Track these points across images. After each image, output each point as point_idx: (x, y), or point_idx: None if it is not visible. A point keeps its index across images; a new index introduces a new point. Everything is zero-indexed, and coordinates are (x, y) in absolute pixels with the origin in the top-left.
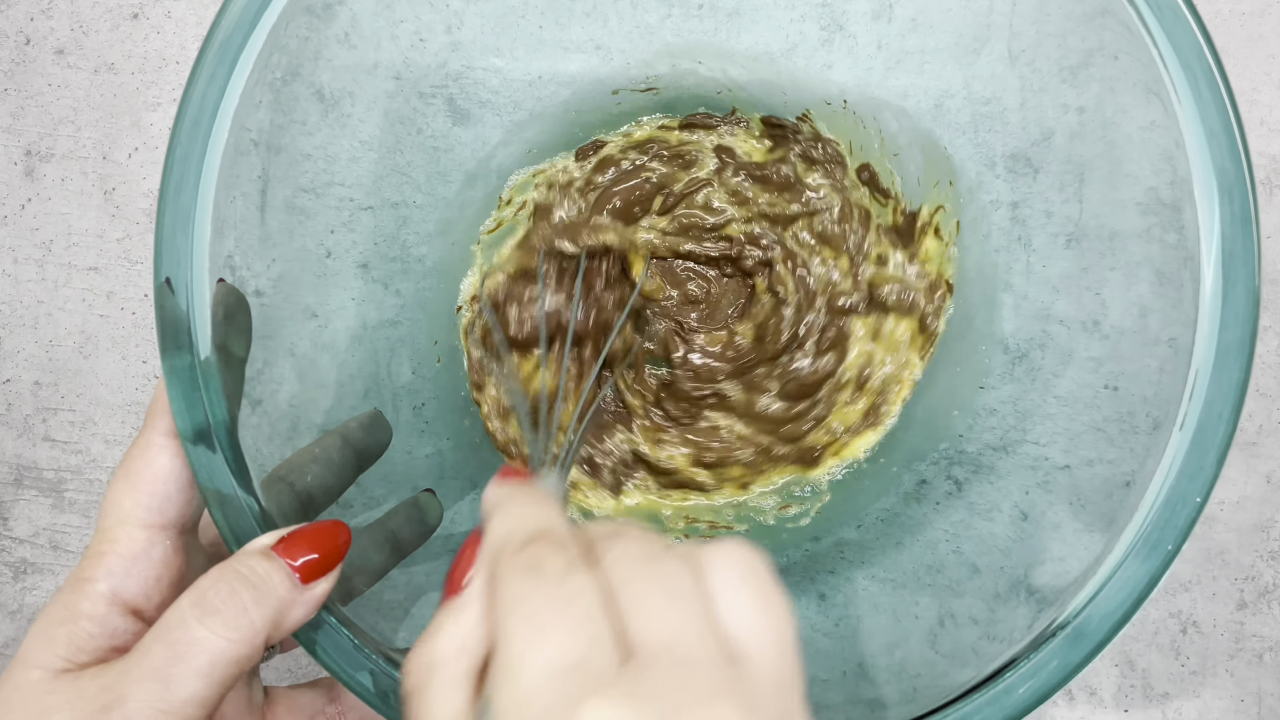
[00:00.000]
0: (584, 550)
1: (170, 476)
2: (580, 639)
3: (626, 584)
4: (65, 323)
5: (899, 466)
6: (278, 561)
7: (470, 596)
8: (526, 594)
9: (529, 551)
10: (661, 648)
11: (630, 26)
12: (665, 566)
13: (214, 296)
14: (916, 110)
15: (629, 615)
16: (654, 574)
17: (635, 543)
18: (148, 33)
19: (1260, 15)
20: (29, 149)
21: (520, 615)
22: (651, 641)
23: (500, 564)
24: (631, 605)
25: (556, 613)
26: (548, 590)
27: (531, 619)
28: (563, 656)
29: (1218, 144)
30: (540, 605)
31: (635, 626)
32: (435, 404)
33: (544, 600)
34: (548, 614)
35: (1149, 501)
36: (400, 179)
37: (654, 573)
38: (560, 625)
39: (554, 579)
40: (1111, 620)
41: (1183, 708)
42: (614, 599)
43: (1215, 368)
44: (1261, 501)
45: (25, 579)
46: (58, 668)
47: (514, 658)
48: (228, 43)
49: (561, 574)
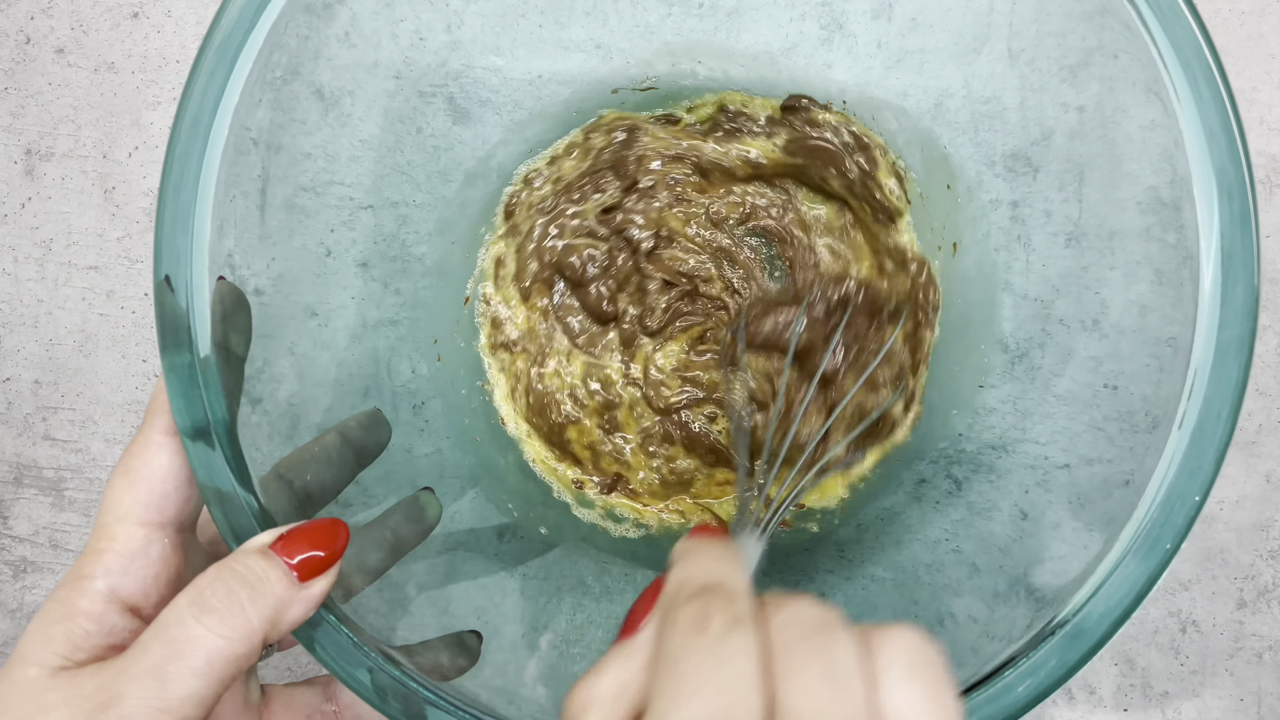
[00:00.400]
0: (755, 609)
1: (169, 474)
2: (726, 700)
3: (787, 650)
4: (65, 321)
5: (899, 466)
6: (275, 560)
7: (640, 642)
8: (684, 650)
9: (697, 603)
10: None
11: (630, 25)
12: (831, 639)
13: (213, 294)
14: (916, 109)
15: (783, 684)
16: (818, 645)
17: (807, 610)
18: (148, 32)
19: (1260, 15)
20: (29, 148)
21: (673, 672)
22: (800, 714)
23: (669, 614)
24: (788, 674)
25: (709, 673)
26: (705, 648)
27: (682, 677)
28: (706, 715)
29: (1217, 143)
30: (694, 663)
31: (787, 696)
32: (435, 403)
33: (699, 658)
34: (700, 673)
35: (1148, 500)
36: (400, 178)
37: (819, 644)
38: (709, 686)
39: (714, 637)
40: (1110, 619)
41: (1182, 707)
42: (773, 665)
43: (1214, 366)
44: (1261, 501)
45: (25, 577)
46: (55, 665)
47: (660, 710)
48: (227, 42)
49: (723, 632)
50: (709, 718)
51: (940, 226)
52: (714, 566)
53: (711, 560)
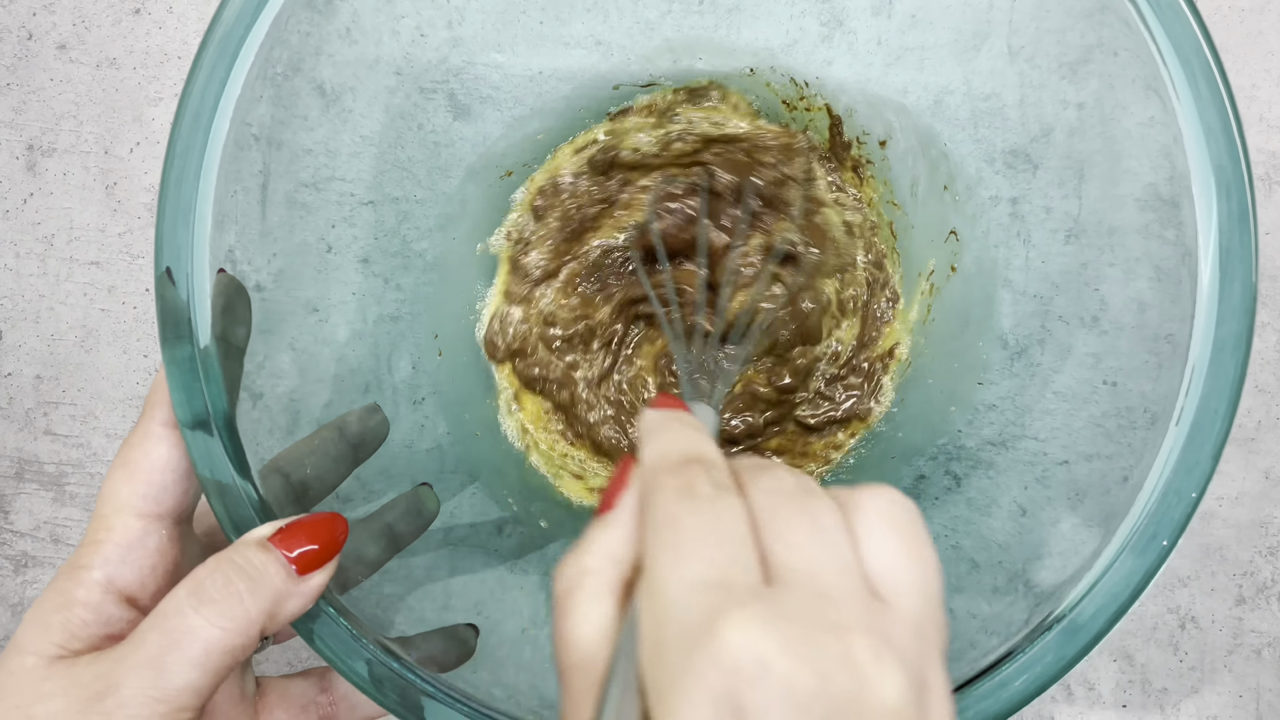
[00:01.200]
0: (734, 478)
1: (167, 466)
2: (724, 558)
3: (774, 513)
4: (66, 317)
5: (897, 461)
6: (274, 553)
7: (622, 512)
8: (676, 513)
9: (682, 474)
10: (803, 576)
11: (631, 22)
12: (814, 501)
13: (214, 286)
14: (916, 106)
15: (774, 543)
16: (802, 506)
17: (786, 476)
18: (149, 28)
19: (1260, 11)
20: (31, 143)
21: (669, 532)
22: (794, 569)
23: (653, 484)
24: (777, 533)
25: (704, 532)
26: (697, 510)
27: (679, 536)
28: (707, 573)
29: (1216, 141)
30: (689, 524)
31: (779, 554)
32: (435, 399)
33: (693, 520)
34: (695, 532)
35: (1145, 496)
36: (401, 174)
37: (802, 505)
38: (706, 544)
39: (704, 500)
40: (1107, 614)
41: (1181, 703)
42: (760, 526)
43: (1212, 363)
44: (1260, 497)
45: (26, 572)
46: (53, 655)
47: (661, 571)
48: (228, 37)
49: (711, 496)
50: (710, 573)
51: (939, 225)
52: (687, 438)
53: (684, 432)
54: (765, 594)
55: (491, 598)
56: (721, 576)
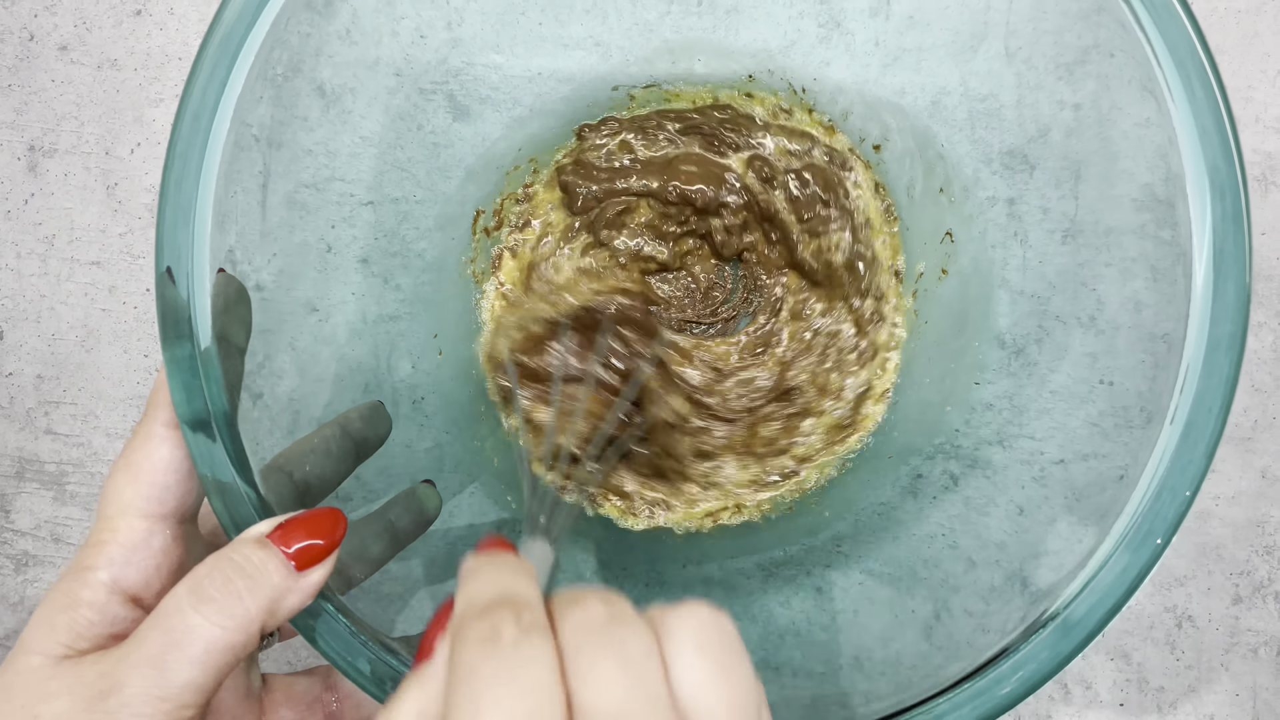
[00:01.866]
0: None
1: (170, 467)
2: (523, 709)
3: (579, 651)
4: (67, 317)
5: (895, 461)
6: (272, 550)
7: (436, 665)
8: (476, 664)
9: (488, 618)
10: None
11: (629, 23)
12: (622, 632)
13: (214, 286)
14: (913, 107)
15: (578, 683)
16: (609, 640)
17: (595, 606)
18: (150, 29)
19: (1256, 13)
20: (32, 144)
21: (468, 686)
22: (597, 711)
23: (458, 633)
24: (584, 673)
25: (503, 684)
26: (497, 660)
27: (478, 689)
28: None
29: (1210, 142)
30: (487, 676)
31: (583, 695)
32: (435, 398)
33: (492, 671)
34: (494, 685)
35: (1139, 494)
36: (401, 174)
37: (609, 639)
38: (505, 697)
39: (506, 648)
40: (1101, 611)
41: (1178, 702)
42: (567, 666)
43: (1206, 362)
44: (1257, 496)
45: (27, 571)
46: (58, 654)
47: None
48: (229, 38)
49: (514, 643)
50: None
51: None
52: (501, 579)
53: (498, 574)
54: None
55: None
56: None
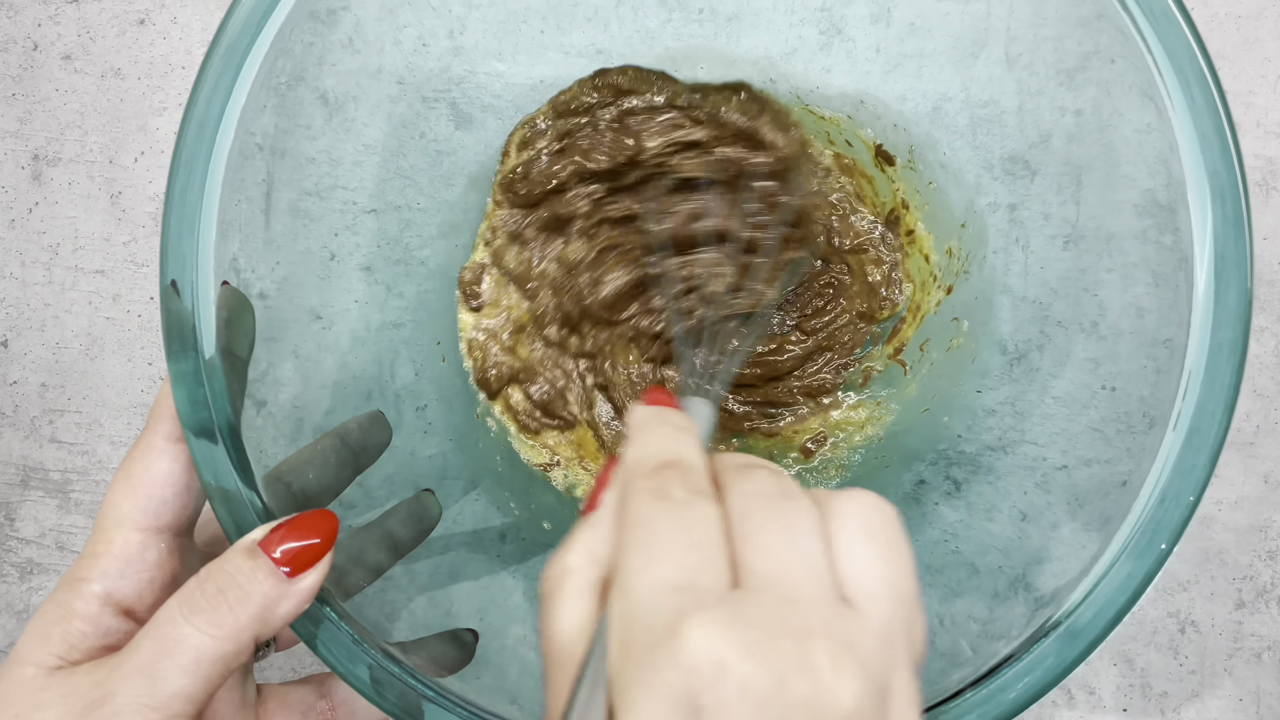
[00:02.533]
0: (713, 480)
1: (169, 480)
2: (692, 561)
3: (748, 517)
4: (72, 325)
5: (898, 467)
6: (262, 559)
7: (604, 513)
8: (648, 517)
9: (658, 477)
10: (771, 580)
11: (631, 31)
12: (790, 504)
13: (218, 299)
14: (914, 113)
15: (745, 546)
16: (777, 510)
17: (765, 478)
18: (154, 38)
19: (1256, 18)
20: (36, 153)
21: (640, 536)
22: (762, 573)
23: (629, 486)
24: (749, 537)
25: (673, 536)
26: (669, 514)
27: (649, 540)
28: (673, 576)
29: (1210, 148)
30: (659, 528)
31: (749, 558)
32: (438, 405)
33: (663, 524)
34: (665, 535)
35: (1143, 500)
36: (403, 182)
37: (777, 509)
38: (675, 547)
39: (677, 504)
40: (1106, 617)
41: (1181, 707)
42: (734, 530)
43: (1208, 367)
44: (1259, 501)
45: (31, 579)
46: (51, 665)
47: (629, 573)
48: (233, 48)
49: (685, 501)
50: (677, 578)
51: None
52: (670, 439)
53: (667, 433)
54: (730, 598)
55: (494, 603)
56: (689, 580)
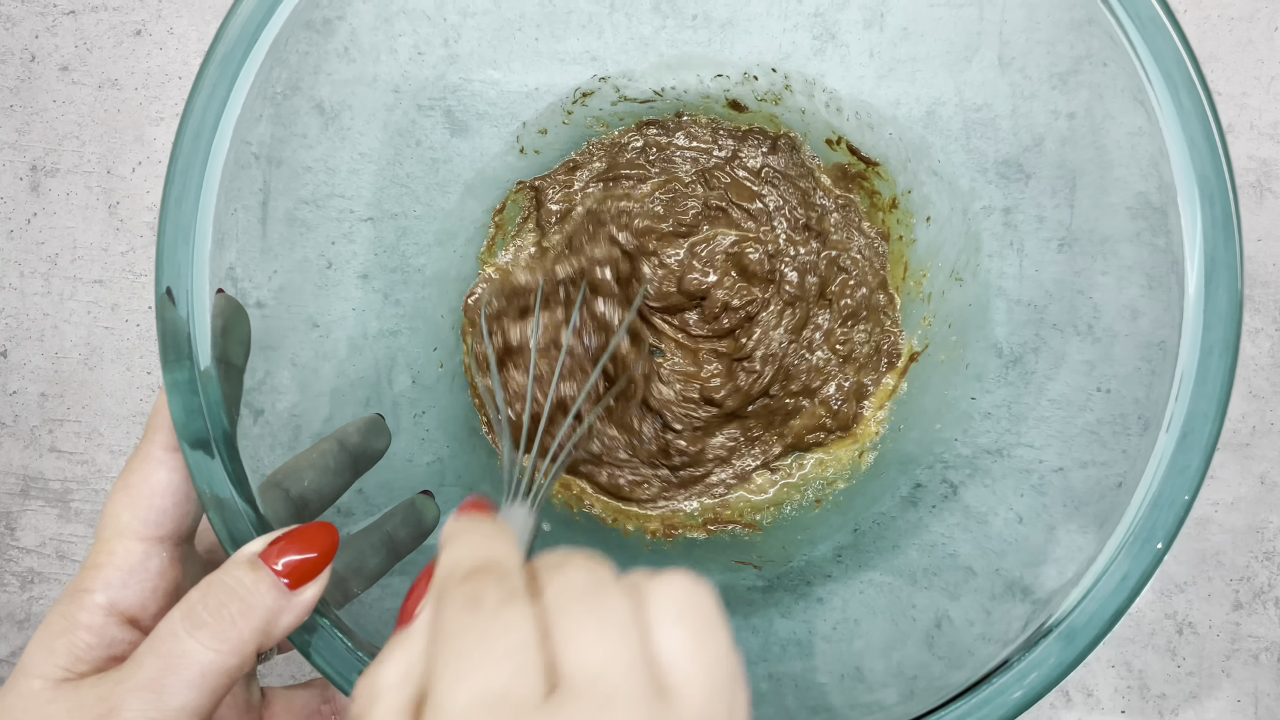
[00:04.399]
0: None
1: (168, 490)
2: (506, 671)
3: (563, 615)
4: (71, 335)
5: (895, 471)
6: (264, 571)
7: (418, 627)
8: (460, 628)
9: (470, 584)
10: (588, 680)
11: (625, 38)
12: (603, 597)
13: (213, 307)
14: (908, 118)
15: (561, 647)
16: (591, 605)
17: (578, 573)
18: (150, 49)
19: (1249, 20)
20: (34, 164)
21: (452, 648)
22: (579, 673)
23: (442, 597)
24: (565, 637)
25: (486, 646)
26: (481, 624)
27: (461, 653)
28: (487, 688)
29: (1199, 151)
30: (471, 639)
31: (565, 658)
32: (435, 412)
33: (475, 634)
34: (477, 647)
35: (1138, 500)
36: (400, 190)
37: (591, 604)
38: (488, 658)
39: (489, 612)
40: (1103, 618)
41: (1179, 708)
42: (549, 630)
43: (1200, 368)
44: (1256, 502)
45: (32, 588)
46: (57, 677)
47: (442, 690)
48: (229, 57)
49: (496, 607)
50: (491, 690)
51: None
52: (484, 545)
53: (481, 540)
54: (546, 707)
55: None
56: (502, 691)
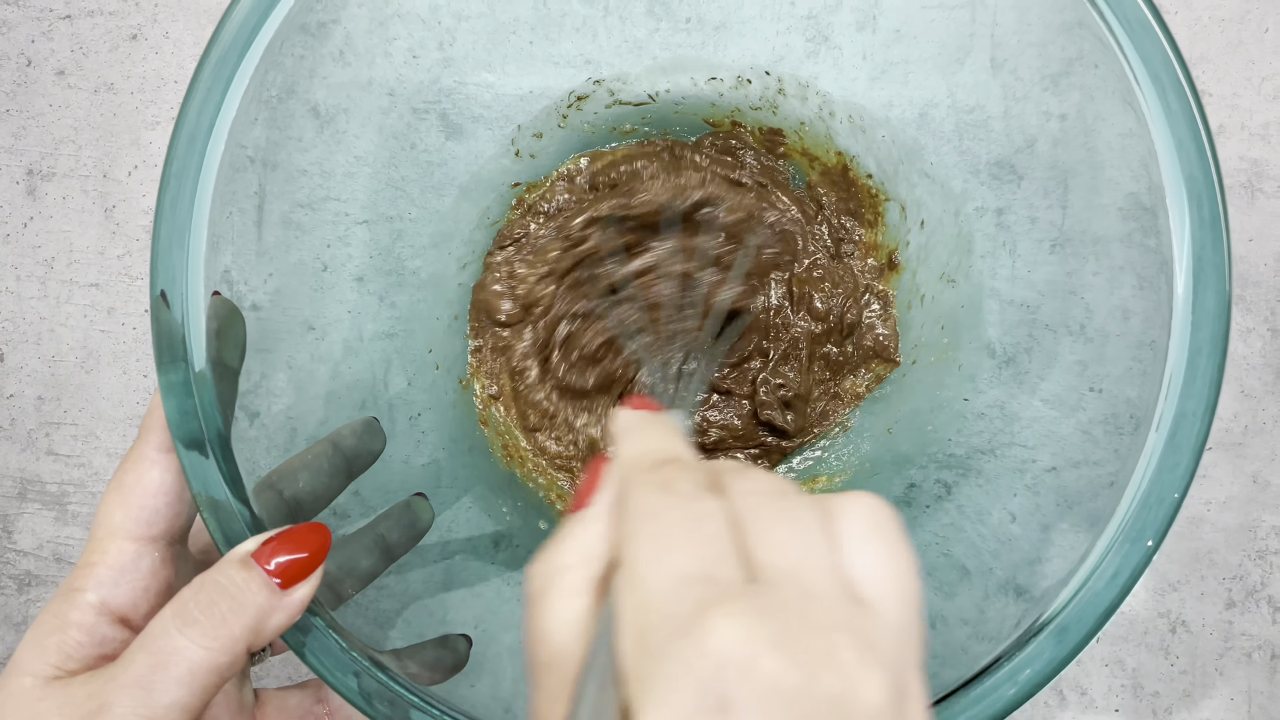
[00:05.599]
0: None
1: (161, 490)
2: (709, 553)
3: (754, 514)
4: (67, 338)
5: (888, 471)
6: (255, 570)
7: (598, 510)
8: (658, 509)
9: (662, 472)
10: (786, 576)
11: (619, 41)
12: (793, 503)
13: (208, 310)
14: (901, 120)
15: (756, 543)
16: (782, 509)
17: (764, 479)
18: (146, 53)
19: (1240, 21)
20: (31, 168)
21: (651, 527)
22: (777, 568)
23: (632, 479)
24: (759, 534)
25: (686, 527)
26: (679, 507)
27: (662, 531)
28: (691, 567)
29: (1186, 153)
30: (671, 519)
31: (761, 554)
32: (431, 414)
33: (675, 515)
34: (678, 527)
35: (1129, 498)
36: (395, 193)
37: (782, 507)
38: (690, 538)
39: (685, 497)
40: (1095, 615)
41: (1173, 707)
42: (741, 527)
43: (1188, 368)
44: (1248, 501)
45: (29, 591)
46: (49, 675)
47: (642, 565)
48: (223, 61)
49: (691, 494)
50: (695, 566)
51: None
52: (664, 438)
53: (660, 432)
54: (751, 591)
55: (489, 611)
56: (706, 571)
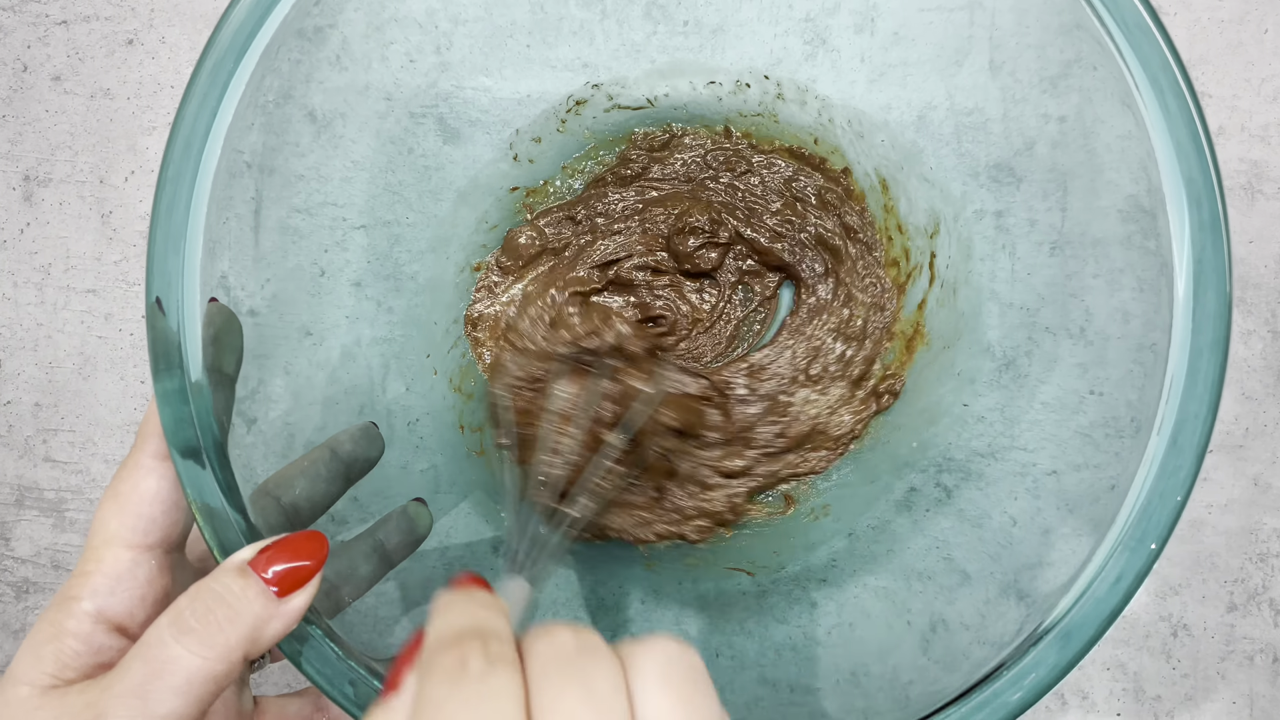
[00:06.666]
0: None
1: (157, 498)
2: None
3: (545, 682)
4: (64, 345)
5: (889, 476)
6: (252, 578)
7: (402, 696)
8: (442, 697)
9: (456, 650)
10: None
11: (617, 44)
12: (588, 664)
13: (204, 316)
14: (899, 122)
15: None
16: (575, 672)
17: (566, 639)
18: (142, 58)
19: (1239, 22)
20: (27, 174)
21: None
22: None
23: (426, 664)
24: (549, 703)
25: (470, 714)
26: (463, 693)
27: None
28: None
29: (1185, 155)
30: (454, 707)
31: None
32: (429, 419)
33: (459, 702)
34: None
35: (1131, 501)
36: (392, 198)
37: (575, 671)
38: None
39: (472, 680)
40: (1098, 619)
41: (1175, 711)
42: (533, 699)
43: (1189, 370)
44: (1249, 504)
45: (27, 598)
46: (45, 684)
47: None
48: (220, 66)
49: (480, 675)
50: None
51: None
52: (471, 613)
53: (469, 608)
54: None
55: None
56: None
